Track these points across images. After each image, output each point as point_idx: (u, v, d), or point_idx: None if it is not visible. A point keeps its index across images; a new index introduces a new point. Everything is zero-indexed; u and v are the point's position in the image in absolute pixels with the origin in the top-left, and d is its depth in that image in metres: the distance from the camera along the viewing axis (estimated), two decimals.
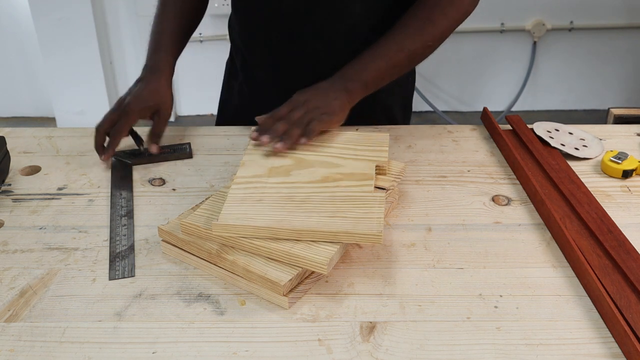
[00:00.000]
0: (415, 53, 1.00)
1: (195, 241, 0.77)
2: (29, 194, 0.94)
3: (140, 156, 1.02)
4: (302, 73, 1.12)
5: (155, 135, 1.02)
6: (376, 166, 0.88)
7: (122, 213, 0.88)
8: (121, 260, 0.78)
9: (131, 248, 0.81)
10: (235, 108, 1.26)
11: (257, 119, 0.96)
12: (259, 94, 1.19)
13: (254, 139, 0.91)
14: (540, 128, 1.08)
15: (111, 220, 0.86)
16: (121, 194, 0.92)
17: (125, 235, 0.83)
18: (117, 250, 0.80)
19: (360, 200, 0.80)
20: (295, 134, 0.90)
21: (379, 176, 0.87)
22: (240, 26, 1.16)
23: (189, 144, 1.07)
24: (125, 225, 0.85)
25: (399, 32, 1.00)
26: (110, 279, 0.76)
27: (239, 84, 1.22)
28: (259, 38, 1.13)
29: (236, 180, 0.83)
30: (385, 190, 0.84)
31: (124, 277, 0.76)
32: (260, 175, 0.84)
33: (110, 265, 0.78)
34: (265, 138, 0.89)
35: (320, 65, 1.11)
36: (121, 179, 0.96)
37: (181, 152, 1.04)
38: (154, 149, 1.00)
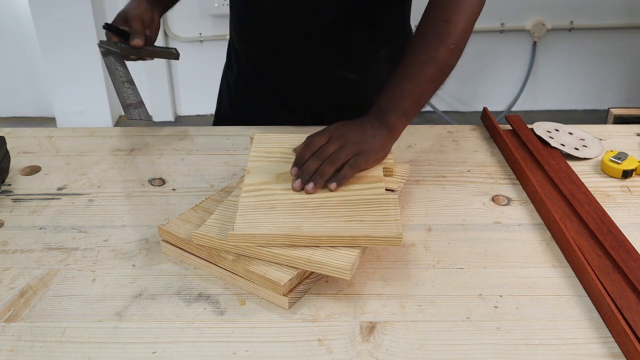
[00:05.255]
0: (443, 61, 0.93)
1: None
2: (29, 194, 0.94)
3: (129, 49, 1.07)
4: (286, 68, 1.15)
5: (135, 34, 1.06)
6: (383, 168, 0.88)
7: (123, 80, 0.99)
8: (134, 109, 0.87)
9: (141, 102, 0.96)
10: (230, 103, 1.28)
11: (293, 150, 0.90)
12: (252, 87, 1.22)
13: (295, 187, 0.83)
14: (540, 128, 1.08)
15: (114, 83, 0.99)
16: (117, 68, 1.02)
17: (132, 94, 0.94)
18: (128, 102, 0.92)
19: (374, 203, 0.80)
20: (327, 172, 0.84)
21: (386, 178, 0.87)
22: (233, 19, 1.20)
23: (176, 48, 1.11)
24: (129, 88, 0.96)
25: (419, 43, 0.94)
26: (129, 118, 0.93)
27: (234, 75, 1.25)
28: (247, 32, 1.17)
29: (245, 189, 0.82)
30: (395, 192, 0.84)
31: (141, 120, 0.91)
32: (268, 182, 0.84)
33: (125, 110, 0.91)
34: (297, 184, 0.83)
35: (303, 60, 1.13)
36: (115, 60, 1.05)
37: (167, 52, 1.09)
38: (136, 42, 1.05)
